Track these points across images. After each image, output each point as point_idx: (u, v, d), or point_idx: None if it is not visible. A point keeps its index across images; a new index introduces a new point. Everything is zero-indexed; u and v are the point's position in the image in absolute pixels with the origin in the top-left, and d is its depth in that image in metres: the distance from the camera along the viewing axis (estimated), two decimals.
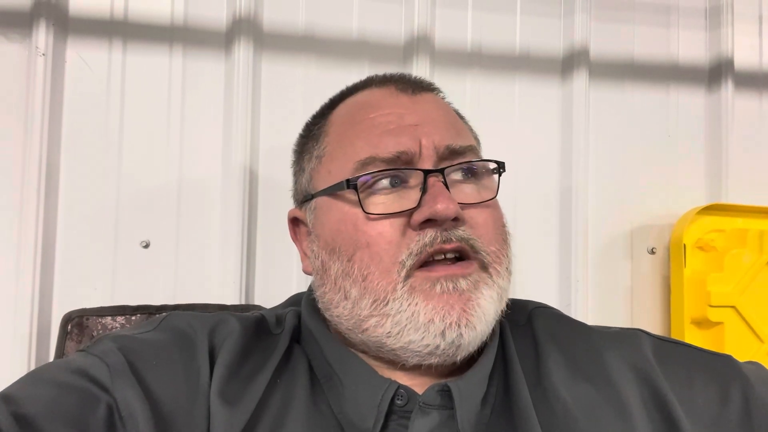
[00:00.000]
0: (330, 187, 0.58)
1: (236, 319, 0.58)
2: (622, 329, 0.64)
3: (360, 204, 0.55)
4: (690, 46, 1.10)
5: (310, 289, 0.62)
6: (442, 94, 0.66)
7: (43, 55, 0.88)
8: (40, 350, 0.85)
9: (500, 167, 0.59)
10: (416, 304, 0.52)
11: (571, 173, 1.02)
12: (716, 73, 1.09)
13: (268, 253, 0.95)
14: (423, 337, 0.52)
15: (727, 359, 0.60)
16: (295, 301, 0.66)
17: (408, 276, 0.53)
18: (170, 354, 0.53)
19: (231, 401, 0.51)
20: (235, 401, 0.51)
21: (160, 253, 0.92)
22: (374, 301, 0.53)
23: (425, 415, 0.53)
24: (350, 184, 0.55)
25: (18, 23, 0.89)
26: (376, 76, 0.65)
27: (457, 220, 0.54)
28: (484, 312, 0.53)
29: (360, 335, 0.55)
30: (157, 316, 0.59)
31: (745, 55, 1.11)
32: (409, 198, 0.54)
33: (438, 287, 0.52)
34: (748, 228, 1.01)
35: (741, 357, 0.62)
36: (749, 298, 0.98)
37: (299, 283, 0.95)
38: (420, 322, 0.52)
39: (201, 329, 0.56)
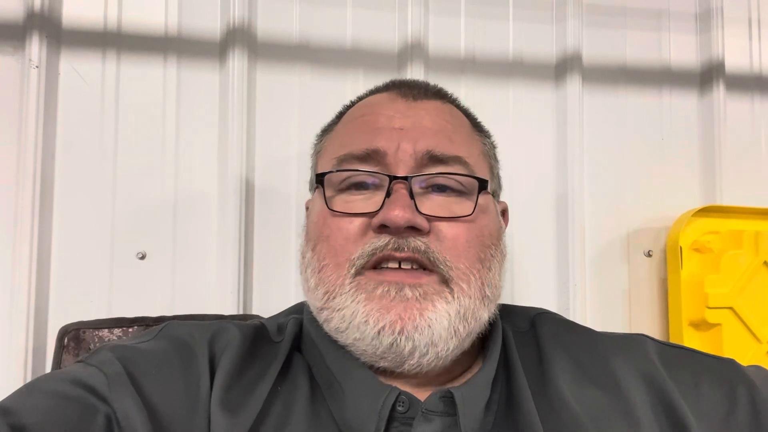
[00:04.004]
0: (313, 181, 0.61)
1: (236, 327, 0.58)
2: (626, 334, 0.64)
3: (325, 200, 0.57)
4: (681, 50, 1.11)
5: None
6: (456, 102, 0.66)
7: (37, 67, 0.87)
8: (37, 364, 0.84)
9: (482, 184, 0.57)
10: (358, 302, 0.53)
11: (566, 178, 1.03)
12: (708, 76, 1.10)
13: (265, 263, 0.94)
14: (363, 337, 0.52)
15: (732, 363, 0.60)
16: (297, 309, 0.66)
17: (357, 274, 0.54)
18: (169, 363, 0.52)
19: (232, 410, 0.51)
20: (236, 410, 0.51)
21: (156, 264, 0.91)
22: (326, 293, 0.55)
23: (428, 421, 0.52)
24: (318, 179, 0.58)
25: (11, 36, 0.89)
26: (392, 81, 0.67)
27: (415, 230, 0.53)
28: (429, 323, 0.52)
29: (324, 326, 0.56)
30: (157, 326, 0.59)
31: (736, 57, 1.12)
32: (374, 201, 0.55)
33: (379, 290, 0.53)
34: (744, 229, 1.01)
35: (739, 358, 0.62)
36: (746, 299, 0.99)
37: (297, 293, 0.94)
38: (358, 322, 0.52)
39: (201, 338, 0.55)
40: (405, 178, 0.55)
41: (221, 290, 0.91)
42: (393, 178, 0.55)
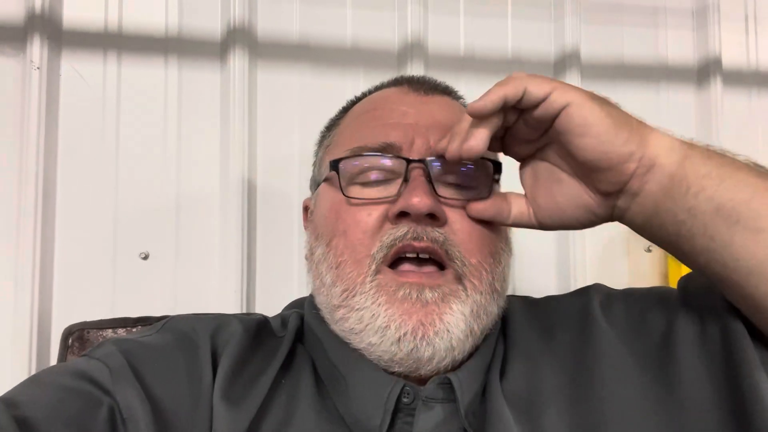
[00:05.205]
0: (319, 172, 0.60)
1: (238, 321, 0.58)
2: (578, 291, 0.65)
3: (341, 187, 0.56)
4: (678, 46, 1.12)
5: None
6: (462, 101, 0.67)
7: (38, 68, 0.88)
8: (41, 365, 0.84)
9: (496, 168, 0.58)
10: (379, 304, 0.52)
11: None
12: (705, 71, 1.11)
13: (267, 262, 0.95)
14: (381, 342, 0.51)
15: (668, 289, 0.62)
16: (298, 303, 0.66)
17: (377, 271, 0.53)
18: (172, 356, 0.52)
19: (234, 403, 0.51)
20: (238, 402, 0.51)
21: (159, 264, 0.91)
22: (344, 291, 0.54)
23: (429, 409, 0.52)
24: (333, 166, 0.57)
25: (12, 37, 0.89)
26: (401, 76, 0.67)
27: (434, 218, 0.53)
28: (448, 328, 0.52)
29: (334, 327, 0.55)
30: (160, 321, 0.59)
31: (733, 53, 1.13)
32: (391, 191, 0.55)
33: (401, 293, 0.52)
34: None
35: None
36: None
37: (300, 292, 0.94)
38: (378, 326, 0.52)
39: (203, 331, 0.55)
40: (422, 161, 0.54)
41: (224, 290, 0.91)
42: (410, 162, 0.54)
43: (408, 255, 0.54)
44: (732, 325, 0.52)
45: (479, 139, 0.50)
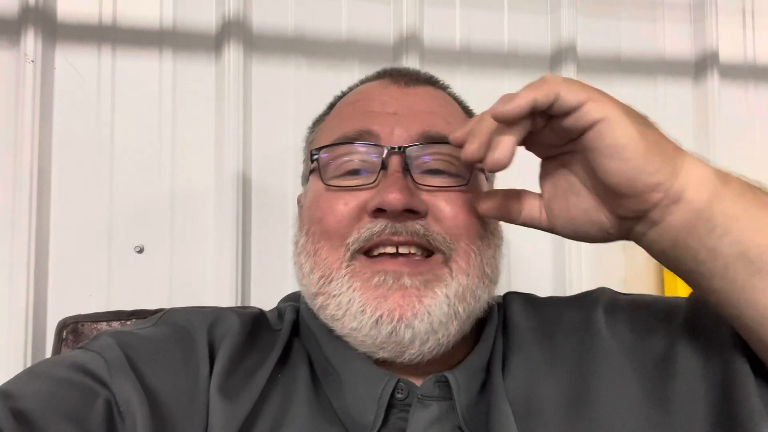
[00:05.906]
0: (307, 166, 0.60)
1: (235, 314, 0.58)
2: (583, 295, 0.64)
3: (320, 176, 0.56)
4: (676, 40, 1.12)
5: None
6: (448, 90, 0.66)
7: (32, 62, 0.87)
8: (36, 358, 0.84)
9: None
10: (354, 290, 0.52)
11: None
12: (702, 65, 1.10)
13: (262, 256, 0.95)
14: (360, 326, 0.51)
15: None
16: (293, 297, 0.66)
17: (352, 258, 0.53)
18: (169, 349, 0.52)
19: (230, 396, 0.51)
20: (235, 396, 0.51)
21: (154, 258, 0.91)
22: (321, 277, 0.54)
23: (425, 407, 0.52)
24: (313, 156, 0.57)
25: (6, 30, 0.89)
26: (384, 69, 0.66)
27: (413, 213, 0.52)
28: (429, 310, 0.51)
29: (319, 315, 0.55)
30: (155, 314, 0.59)
31: (730, 47, 1.12)
32: (369, 179, 0.55)
33: (375, 279, 0.52)
34: None
35: None
36: None
37: (294, 286, 0.93)
38: (355, 310, 0.52)
39: (200, 325, 0.55)
40: (399, 148, 0.54)
41: (219, 283, 0.91)
42: (387, 149, 0.54)
43: (387, 250, 0.53)
44: (736, 364, 0.49)
45: (505, 152, 0.45)
